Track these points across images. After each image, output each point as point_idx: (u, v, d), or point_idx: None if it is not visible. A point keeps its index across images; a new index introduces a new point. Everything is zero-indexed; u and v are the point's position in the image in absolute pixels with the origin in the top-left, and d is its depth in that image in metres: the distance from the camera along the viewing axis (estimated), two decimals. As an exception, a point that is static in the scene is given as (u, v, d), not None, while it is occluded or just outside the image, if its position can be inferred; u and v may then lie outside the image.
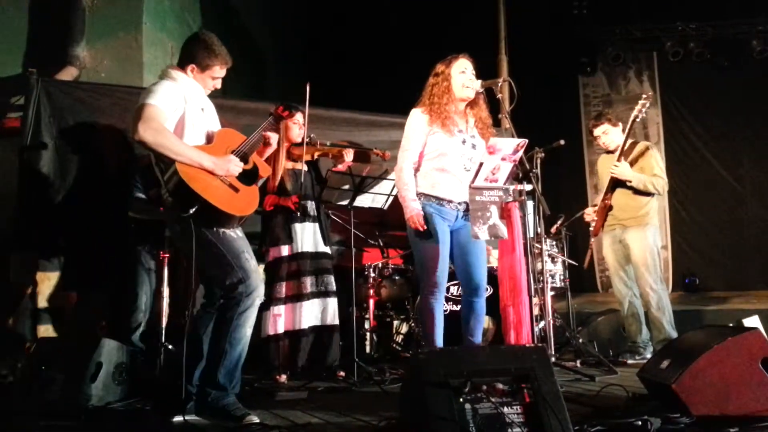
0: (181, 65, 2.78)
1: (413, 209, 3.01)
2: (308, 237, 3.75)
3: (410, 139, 3.11)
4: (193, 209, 2.54)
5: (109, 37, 4.89)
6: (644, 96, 4.10)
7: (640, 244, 4.14)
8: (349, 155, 3.78)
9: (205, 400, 2.65)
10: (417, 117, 3.12)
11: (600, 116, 4.39)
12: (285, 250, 3.69)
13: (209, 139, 2.76)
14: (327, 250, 3.83)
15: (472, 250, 3.10)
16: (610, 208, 4.25)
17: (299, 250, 3.71)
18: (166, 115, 2.60)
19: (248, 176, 2.76)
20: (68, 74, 4.69)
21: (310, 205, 3.77)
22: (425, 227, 2.99)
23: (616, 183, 4.20)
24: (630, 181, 4.13)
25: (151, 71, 4.77)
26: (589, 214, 4.40)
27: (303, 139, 3.61)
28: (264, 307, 3.66)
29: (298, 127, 3.73)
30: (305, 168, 3.60)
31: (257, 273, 2.76)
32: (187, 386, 2.62)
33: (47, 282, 3.79)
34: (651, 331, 4.15)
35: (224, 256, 2.68)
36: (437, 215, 3.04)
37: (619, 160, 4.12)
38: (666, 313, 4.07)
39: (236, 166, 2.68)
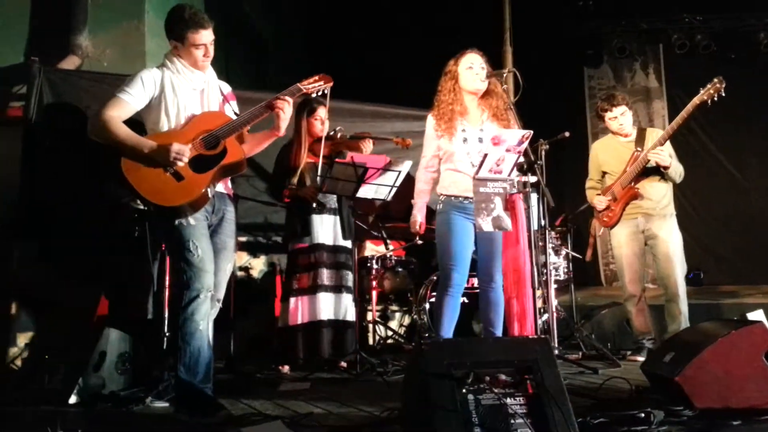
0: (170, 45, 2.78)
1: (414, 216, 3.26)
2: (327, 230, 3.78)
3: (425, 146, 3.27)
4: (126, 198, 2.57)
5: (112, 27, 4.87)
6: (716, 80, 3.65)
7: (669, 234, 3.94)
8: (368, 146, 3.78)
9: (177, 392, 2.66)
10: (428, 124, 3.27)
11: (614, 97, 4.07)
12: (303, 242, 3.74)
13: (188, 122, 2.71)
14: (346, 244, 3.83)
15: (493, 241, 3.11)
16: (636, 197, 3.94)
17: (316, 242, 3.73)
18: (133, 105, 2.67)
19: (207, 162, 2.66)
20: (71, 63, 4.66)
21: (331, 199, 3.79)
22: (422, 233, 3.21)
23: (644, 171, 3.92)
24: (667, 168, 3.85)
25: (153, 60, 4.74)
26: (603, 202, 4.07)
27: (323, 134, 3.71)
28: (284, 298, 3.74)
29: (320, 122, 3.79)
30: (322, 163, 3.62)
31: (203, 263, 2.64)
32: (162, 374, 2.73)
33: (50, 271, 3.79)
34: (668, 324, 3.92)
35: (174, 246, 2.69)
36: (460, 214, 3.09)
37: (662, 144, 3.83)
38: (685, 307, 3.91)
39: (178, 154, 2.58)
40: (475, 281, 3.62)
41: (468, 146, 3.11)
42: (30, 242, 3.82)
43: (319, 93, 2.90)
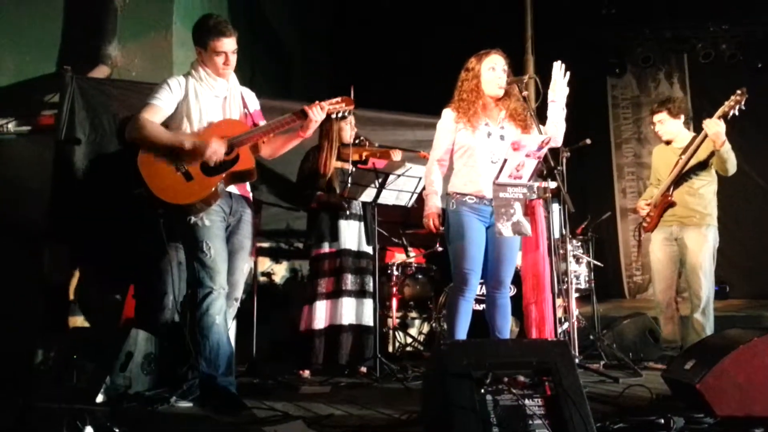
0: (196, 52, 2.93)
1: (430, 208, 3.11)
2: (352, 235, 3.84)
3: (438, 138, 3.20)
4: (138, 191, 2.71)
5: (141, 37, 5.00)
6: (739, 91, 3.68)
7: (698, 245, 3.85)
8: (396, 156, 3.83)
9: (201, 387, 2.78)
10: (445, 116, 3.19)
11: (662, 104, 4.13)
12: (329, 247, 3.80)
13: (208, 127, 2.84)
14: (368, 250, 3.88)
15: (505, 246, 3.08)
16: (671, 204, 3.92)
17: (343, 247, 3.79)
18: (165, 110, 2.84)
19: (218, 166, 2.78)
20: (100, 73, 4.78)
21: (356, 204, 3.85)
22: (440, 228, 3.08)
23: (680, 178, 3.90)
24: (720, 145, 3.73)
25: (180, 70, 4.81)
26: (644, 208, 4.08)
27: (351, 139, 3.79)
28: (307, 302, 3.78)
29: (350, 128, 3.86)
30: (352, 168, 3.67)
31: (215, 263, 2.76)
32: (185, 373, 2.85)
33: (79, 274, 3.88)
34: (688, 336, 3.87)
35: (188, 246, 2.82)
36: (472, 214, 3.04)
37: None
38: (710, 320, 3.84)
39: (213, 153, 2.71)
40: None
41: (491, 142, 3.07)
42: (61, 246, 3.92)
43: (339, 115, 2.95)
